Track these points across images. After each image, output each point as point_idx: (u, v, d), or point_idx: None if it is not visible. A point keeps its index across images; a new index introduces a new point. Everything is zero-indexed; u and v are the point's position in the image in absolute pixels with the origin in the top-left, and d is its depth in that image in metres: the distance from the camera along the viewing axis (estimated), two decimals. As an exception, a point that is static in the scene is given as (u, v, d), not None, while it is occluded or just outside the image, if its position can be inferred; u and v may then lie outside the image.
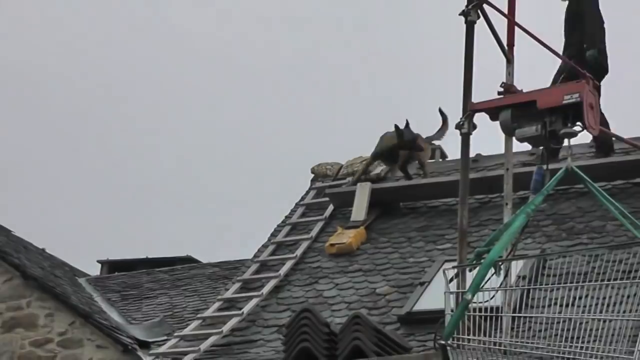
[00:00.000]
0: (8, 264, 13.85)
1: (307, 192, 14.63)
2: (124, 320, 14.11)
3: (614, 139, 11.56)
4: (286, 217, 14.13)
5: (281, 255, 13.10)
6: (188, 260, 17.16)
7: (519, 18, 9.30)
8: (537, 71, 9.22)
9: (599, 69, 11.16)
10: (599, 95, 8.43)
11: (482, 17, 9.06)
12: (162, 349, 11.61)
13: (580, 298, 7.53)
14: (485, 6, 8.89)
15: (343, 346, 9.42)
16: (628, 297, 7.09)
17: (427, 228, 12.91)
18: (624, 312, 7.04)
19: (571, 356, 7.01)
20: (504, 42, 9.33)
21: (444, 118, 14.34)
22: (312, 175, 14.92)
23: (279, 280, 12.45)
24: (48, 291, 13.57)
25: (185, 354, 11.15)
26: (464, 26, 8.96)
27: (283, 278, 12.51)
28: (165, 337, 12.31)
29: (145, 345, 12.71)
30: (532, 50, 9.17)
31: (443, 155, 15.13)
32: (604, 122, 8.82)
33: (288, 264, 12.75)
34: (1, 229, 15.63)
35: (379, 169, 14.32)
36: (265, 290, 12.21)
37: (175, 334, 11.98)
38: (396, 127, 13.61)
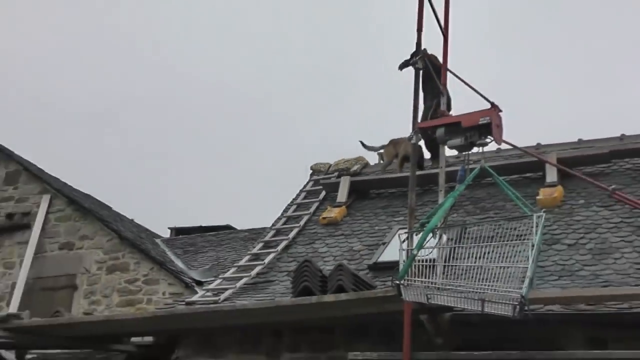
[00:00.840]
0: (110, 229, 14.23)
1: (307, 183, 14.66)
2: (186, 267, 14.29)
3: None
4: (293, 199, 14.12)
5: (290, 225, 13.08)
6: (228, 227, 17.17)
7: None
8: (461, 100, 9.30)
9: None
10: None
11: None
12: (211, 285, 11.59)
13: (488, 253, 7.43)
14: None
15: (331, 285, 9.35)
16: (519, 252, 7.12)
17: (388, 207, 12.92)
18: (516, 261, 7.06)
19: (481, 291, 7.06)
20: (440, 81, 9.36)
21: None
22: (311, 171, 14.92)
23: (289, 241, 12.50)
24: (136, 247, 13.88)
25: (226, 289, 11.15)
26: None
27: (291, 240, 12.55)
28: (213, 278, 12.25)
29: (199, 283, 12.97)
30: (459, 85, 9.18)
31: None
32: None
33: (295, 231, 12.79)
34: (104, 205, 15.86)
35: (356, 166, 14.32)
36: (280, 247, 12.30)
37: (220, 276, 11.97)
38: None
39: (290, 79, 39.82)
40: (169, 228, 17.83)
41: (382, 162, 13.91)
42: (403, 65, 9.21)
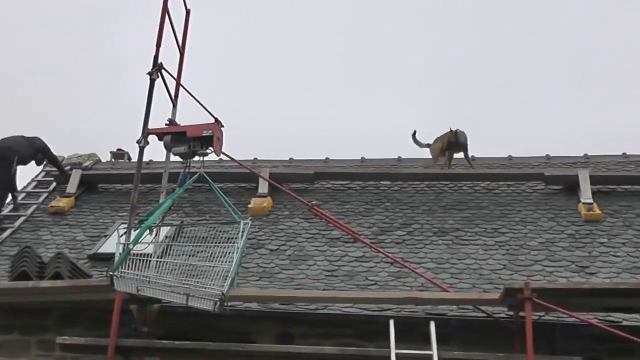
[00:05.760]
0: None
1: (39, 173, 13.96)
2: None
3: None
4: (23, 187, 13.41)
5: (17, 212, 12.41)
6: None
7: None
8: (189, 113, 9.24)
9: None
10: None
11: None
12: None
13: (200, 252, 7.62)
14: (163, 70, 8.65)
15: (49, 271, 9.11)
16: (227, 253, 7.30)
17: (113, 202, 12.66)
18: (224, 262, 7.22)
19: (187, 286, 7.21)
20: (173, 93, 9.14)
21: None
22: (44, 162, 14.11)
23: (14, 229, 11.89)
24: None
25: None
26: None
27: (17, 227, 11.95)
28: None
29: None
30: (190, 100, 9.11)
31: (129, 157, 14.91)
32: None
33: (21, 219, 12.21)
34: None
35: (88, 162, 14.05)
36: (5, 234, 11.70)
37: None
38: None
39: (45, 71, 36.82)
40: None
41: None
42: None
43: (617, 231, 10.62)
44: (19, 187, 13.17)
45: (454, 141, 12.52)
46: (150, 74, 8.58)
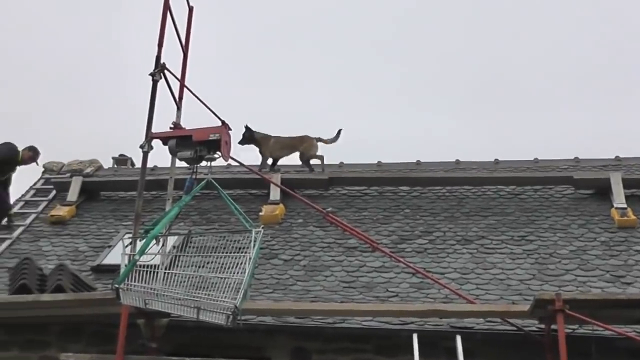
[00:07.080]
0: None
1: (38, 180, 13.83)
2: None
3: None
4: (22, 195, 13.30)
5: (15, 223, 12.18)
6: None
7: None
8: (195, 115, 9.11)
9: None
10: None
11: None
12: None
13: (209, 263, 7.43)
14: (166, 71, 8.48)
15: (50, 284, 8.92)
16: (238, 264, 7.10)
17: (116, 210, 12.52)
18: (235, 273, 7.02)
19: (198, 299, 6.99)
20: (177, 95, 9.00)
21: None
22: (43, 169, 14.00)
23: (12, 240, 11.71)
24: None
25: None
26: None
27: (15, 238, 11.77)
28: None
29: None
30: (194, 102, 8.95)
31: (132, 163, 14.74)
32: None
33: (20, 229, 12.03)
34: None
35: (90, 168, 13.86)
36: (3, 246, 11.51)
37: None
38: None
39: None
40: None
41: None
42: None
43: (655, 238, 10.39)
44: (17, 194, 13.07)
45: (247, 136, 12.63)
46: (152, 75, 8.42)
